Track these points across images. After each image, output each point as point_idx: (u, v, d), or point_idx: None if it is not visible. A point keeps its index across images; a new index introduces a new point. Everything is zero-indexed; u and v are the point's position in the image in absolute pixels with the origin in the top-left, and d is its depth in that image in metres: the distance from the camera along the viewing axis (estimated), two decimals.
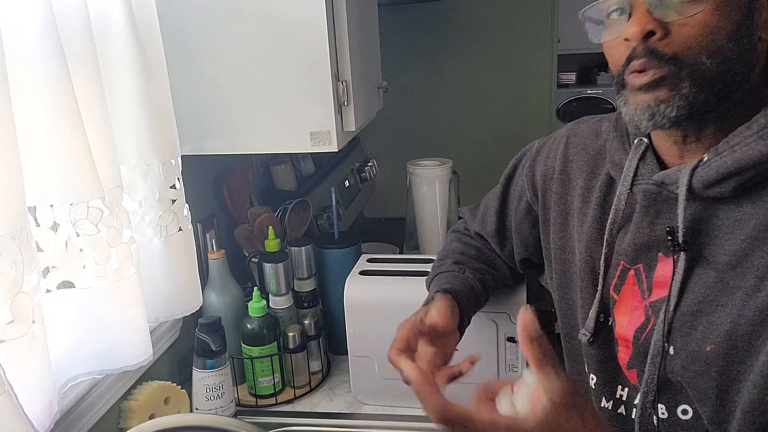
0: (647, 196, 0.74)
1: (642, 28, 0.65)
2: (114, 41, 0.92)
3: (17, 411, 0.69)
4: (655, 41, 0.66)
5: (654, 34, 0.66)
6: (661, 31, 0.65)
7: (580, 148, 0.88)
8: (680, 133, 0.71)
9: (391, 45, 1.85)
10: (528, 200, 0.97)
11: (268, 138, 1.12)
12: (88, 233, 0.82)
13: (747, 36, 0.66)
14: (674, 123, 0.68)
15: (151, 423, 0.77)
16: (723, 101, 0.68)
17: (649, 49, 0.66)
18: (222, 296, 1.22)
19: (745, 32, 0.66)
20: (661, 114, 0.67)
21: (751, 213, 0.67)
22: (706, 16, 0.64)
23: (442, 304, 0.90)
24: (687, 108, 0.66)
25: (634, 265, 0.77)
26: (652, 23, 0.65)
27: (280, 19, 1.05)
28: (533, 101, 2.29)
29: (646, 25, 0.65)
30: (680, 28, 0.65)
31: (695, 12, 0.64)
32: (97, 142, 0.84)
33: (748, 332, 0.66)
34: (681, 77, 0.66)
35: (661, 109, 0.67)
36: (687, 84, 0.66)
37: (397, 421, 1.15)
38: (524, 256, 1.02)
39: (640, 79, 0.68)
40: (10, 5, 0.72)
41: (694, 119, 0.68)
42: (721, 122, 0.69)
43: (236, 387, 1.23)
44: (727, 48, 0.65)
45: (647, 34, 0.66)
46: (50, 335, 0.78)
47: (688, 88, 0.66)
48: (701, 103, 0.66)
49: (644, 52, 0.66)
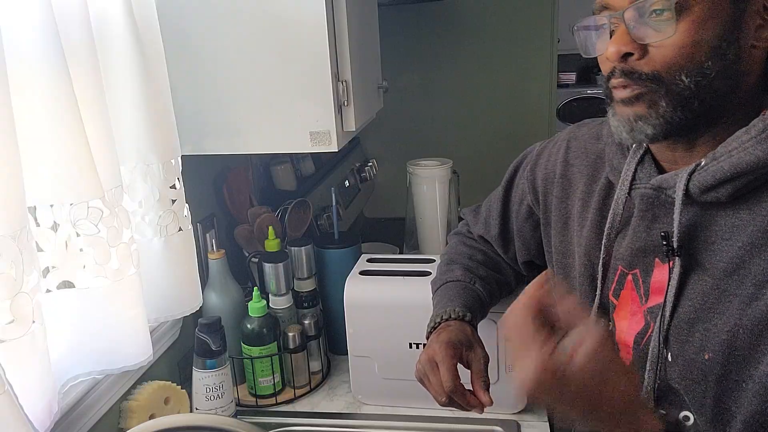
0: (644, 200, 0.74)
1: (618, 50, 0.67)
2: (114, 41, 0.92)
3: (17, 411, 0.69)
4: (633, 61, 0.67)
5: (631, 54, 0.67)
6: (639, 51, 0.67)
7: (580, 151, 0.88)
8: (669, 142, 0.71)
9: (391, 45, 1.85)
10: (529, 203, 0.97)
11: (268, 138, 1.12)
12: (88, 233, 0.82)
13: (731, 49, 0.66)
14: (653, 139, 0.70)
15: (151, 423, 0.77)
16: (706, 117, 0.68)
17: (627, 69, 0.68)
18: (222, 296, 1.22)
19: (729, 47, 0.65)
20: (639, 130, 0.69)
21: (748, 219, 0.66)
22: (683, 36, 0.65)
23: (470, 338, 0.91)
24: (664, 126, 0.68)
25: (631, 270, 0.77)
26: (630, 45, 0.67)
27: (280, 19, 1.05)
28: (533, 101, 2.29)
29: (622, 47, 0.67)
30: (658, 49, 0.66)
31: (672, 34, 0.65)
32: (97, 142, 0.84)
33: (747, 341, 0.65)
34: (659, 95, 0.67)
35: (639, 126, 0.69)
36: (664, 103, 0.67)
37: (397, 421, 1.15)
38: (527, 259, 1.02)
39: (621, 93, 0.69)
40: (10, 5, 0.72)
41: (676, 136, 0.70)
42: (717, 129, 0.69)
43: (236, 387, 1.23)
44: (706, 66, 0.65)
45: (625, 55, 0.67)
46: (50, 335, 0.78)
47: (665, 107, 0.67)
48: (678, 123, 0.67)
49: (621, 73, 0.68)
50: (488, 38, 2.24)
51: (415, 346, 1.13)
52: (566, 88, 3.44)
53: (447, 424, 1.12)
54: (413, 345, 1.13)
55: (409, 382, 0.91)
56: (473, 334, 0.91)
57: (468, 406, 0.83)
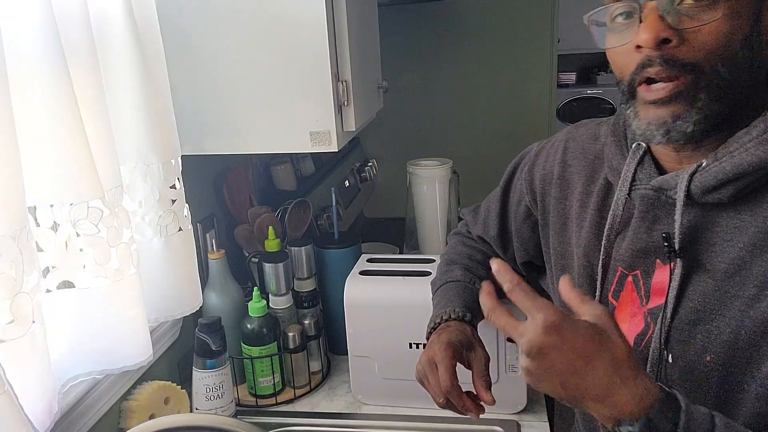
0: (645, 201, 0.73)
1: (656, 35, 0.62)
2: (114, 41, 0.92)
3: (17, 411, 0.69)
4: (671, 48, 0.63)
5: (669, 41, 0.63)
6: (677, 38, 0.62)
7: (578, 152, 0.87)
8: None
9: (391, 45, 1.86)
10: (527, 204, 0.97)
11: (268, 138, 1.12)
12: (88, 233, 0.82)
13: (756, 42, 0.64)
14: (689, 138, 0.66)
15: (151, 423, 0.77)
16: (736, 111, 0.66)
17: (666, 57, 0.63)
18: (222, 296, 1.22)
19: (755, 38, 0.64)
20: (677, 130, 0.65)
21: (749, 220, 0.66)
22: (722, 23, 0.62)
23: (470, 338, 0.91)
24: (703, 123, 0.64)
25: (631, 271, 0.76)
26: (667, 30, 0.62)
27: (280, 19, 1.05)
28: (533, 101, 2.29)
29: (660, 32, 0.62)
30: (695, 35, 0.62)
31: (712, 19, 0.61)
32: (97, 142, 0.84)
33: (749, 343, 0.65)
34: (699, 88, 0.63)
35: (678, 126, 0.65)
36: (704, 96, 0.63)
37: (397, 421, 1.15)
38: (526, 260, 1.02)
39: (655, 94, 0.65)
40: (10, 5, 0.72)
41: (709, 134, 0.66)
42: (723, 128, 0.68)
43: (236, 387, 1.23)
44: (741, 55, 0.63)
45: (662, 42, 0.63)
46: (50, 335, 0.78)
47: (704, 101, 0.64)
48: (716, 116, 0.65)
49: (660, 60, 0.63)
50: (488, 38, 2.24)
51: (415, 346, 1.13)
52: (566, 88, 3.44)
53: (447, 424, 1.12)
54: (413, 345, 1.13)
55: (409, 382, 0.91)
56: (473, 334, 0.91)
57: (463, 409, 0.82)
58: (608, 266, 0.79)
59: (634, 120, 0.69)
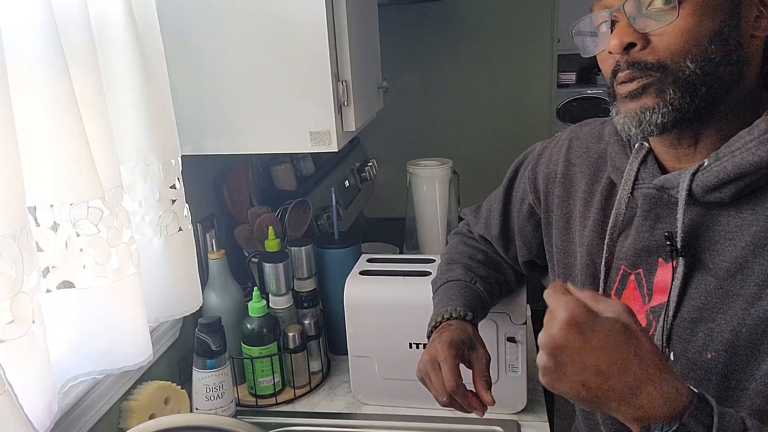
0: (648, 200, 0.74)
1: (621, 41, 0.68)
2: (114, 41, 0.92)
3: (17, 411, 0.69)
4: (637, 52, 0.68)
5: (634, 45, 0.67)
6: (642, 41, 0.67)
7: (582, 151, 0.88)
8: (674, 137, 0.71)
9: (391, 45, 1.85)
10: (530, 203, 0.97)
11: (268, 138, 1.12)
12: (88, 233, 0.82)
13: (732, 36, 0.66)
14: (663, 130, 0.69)
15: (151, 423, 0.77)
16: (713, 104, 0.68)
17: (631, 60, 0.68)
18: (222, 296, 1.22)
19: (730, 32, 0.66)
20: (648, 121, 0.68)
21: (751, 219, 0.67)
22: (684, 22, 0.65)
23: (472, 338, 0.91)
24: (673, 114, 0.67)
25: (634, 269, 0.77)
26: (632, 35, 0.67)
27: (280, 19, 1.05)
28: (533, 101, 2.29)
29: (624, 38, 0.67)
30: (660, 37, 0.66)
31: (672, 20, 0.65)
32: (97, 142, 0.84)
33: (750, 341, 0.66)
34: (665, 84, 0.67)
35: (647, 117, 0.68)
36: (671, 90, 0.67)
37: (397, 421, 1.15)
38: (528, 259, 1.02)
39: (626, 88, 0.69)
40: (10, 5, 0.72)
41: (684, 125, 0.69)
42: (720, 126, 0.69)
43: (236, 387, 1.23)
44: (710, 50, 0.66)
45: (628, 46, 0.67)
46: (50, 335, 0.78)
47: (673, 94, 0.67)
48: (688, 109, 0.67)
49: (627, 64, 0.68)
50: (488, 38, 2.24)
51: (415, 346, 1.13)
52: (566, 88, 3.45)
53: (447, 424, 1.13)
54: (413, 345, 1.13)
55: (409, 382, 0.91)
56: (475, 333, 0.91)
57: (469, 407, 0.83)
58: (611, 265, 0.79)
59: (615, 117, 0.73)
